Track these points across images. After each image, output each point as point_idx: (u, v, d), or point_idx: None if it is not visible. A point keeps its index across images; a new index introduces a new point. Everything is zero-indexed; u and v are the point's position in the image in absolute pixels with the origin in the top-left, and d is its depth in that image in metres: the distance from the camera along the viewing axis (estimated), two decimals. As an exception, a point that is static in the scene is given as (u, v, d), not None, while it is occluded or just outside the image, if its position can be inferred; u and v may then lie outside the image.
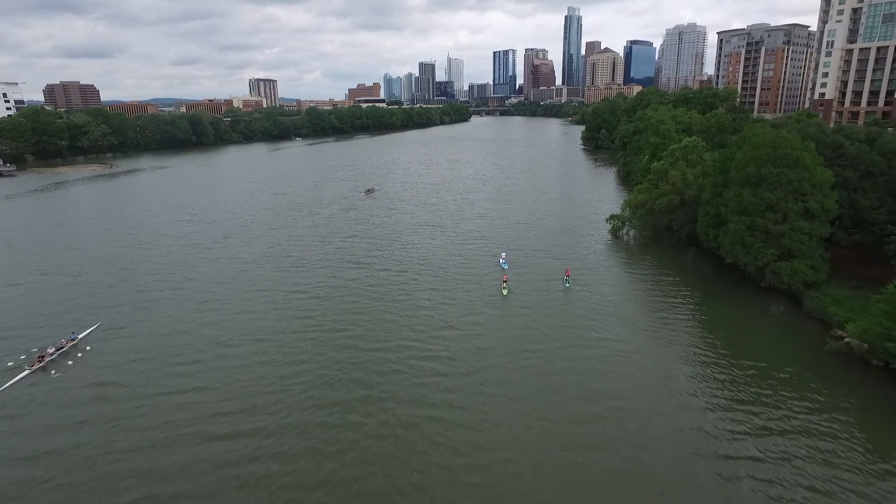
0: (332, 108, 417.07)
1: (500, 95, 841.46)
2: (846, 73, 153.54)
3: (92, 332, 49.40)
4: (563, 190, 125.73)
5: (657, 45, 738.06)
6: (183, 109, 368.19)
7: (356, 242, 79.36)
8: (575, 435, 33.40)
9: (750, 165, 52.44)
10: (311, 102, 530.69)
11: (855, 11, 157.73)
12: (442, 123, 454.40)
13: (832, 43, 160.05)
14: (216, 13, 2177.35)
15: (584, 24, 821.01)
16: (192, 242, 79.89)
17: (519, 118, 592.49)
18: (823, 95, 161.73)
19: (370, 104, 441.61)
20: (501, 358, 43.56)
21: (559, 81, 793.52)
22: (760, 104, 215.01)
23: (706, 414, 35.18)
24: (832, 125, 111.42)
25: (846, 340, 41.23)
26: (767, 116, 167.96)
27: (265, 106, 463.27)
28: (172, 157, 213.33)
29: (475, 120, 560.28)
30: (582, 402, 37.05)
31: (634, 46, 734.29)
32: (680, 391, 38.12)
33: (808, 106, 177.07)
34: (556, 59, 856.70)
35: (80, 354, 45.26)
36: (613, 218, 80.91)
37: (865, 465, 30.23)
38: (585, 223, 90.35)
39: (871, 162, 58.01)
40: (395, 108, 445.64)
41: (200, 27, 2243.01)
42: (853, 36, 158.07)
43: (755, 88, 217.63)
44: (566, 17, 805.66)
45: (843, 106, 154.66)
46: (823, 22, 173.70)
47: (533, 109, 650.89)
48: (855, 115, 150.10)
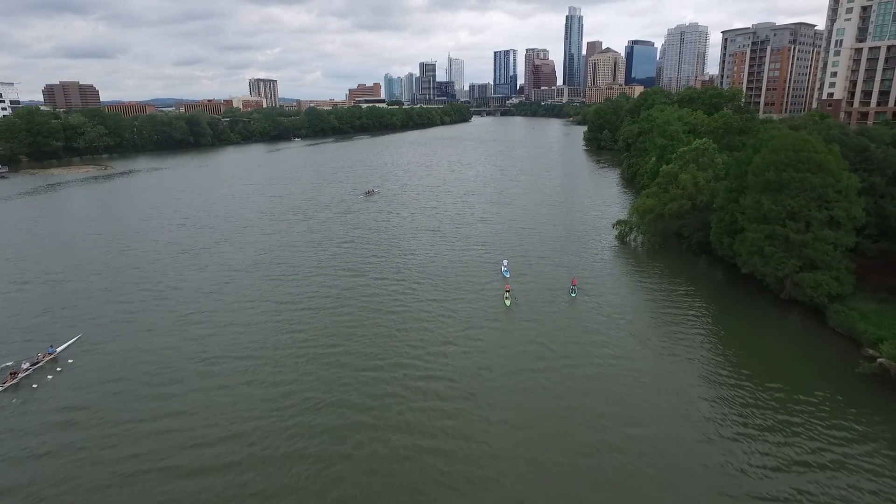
0: (331, 108, 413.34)
1: (500, 95, 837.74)
2: (855, 72, 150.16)
3: (71, 345, 46.36)
4: (566, 192, 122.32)
5: (658, 45, 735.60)
6: (182, 110, 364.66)
7: (352, 248, 76.13)
8: (589, 471, 30.14)
9: (769, 170, 49.08)
10: (311, 103, 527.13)
11: (864, 9, 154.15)
12: (442, 124, 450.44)
13: (841, 42, 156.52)
14: (217, 13, 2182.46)
15: (585, 24, 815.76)
16: (181, 249, 76.64)
17: (520, 118, 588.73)
18: (832, 95, 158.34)
19: (370, 104, 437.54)
20: (505, 378, 40.33)
21: (560, 81, 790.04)
22: (766, 104, 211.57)
23: (732, 446, 31.86)
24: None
25: (880, 361, 37.97)
26: (774, 117, 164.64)
27: (265, 106, 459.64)
28: (169, 158, 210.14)
29: (476, 120, 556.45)
30: (594, 430, 33.78)
31: (636, 46, 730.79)
32: (701, 418, 34.82)
33: (815, 106, 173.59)
34: (557, 59, 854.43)
35: (58, 370, 42.28)
36: (620, 223, 77.62)
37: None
38: (590, 228, 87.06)
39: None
40: (395, 108, 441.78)
41: (201, 27, 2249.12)
42: (862, 35, 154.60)
43: (760, 88, 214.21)
44: (567, 17, 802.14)
45: (852, 106, 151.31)
46: (832, 20, 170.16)
47: (534, 110, 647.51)
48: (864, 115, 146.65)
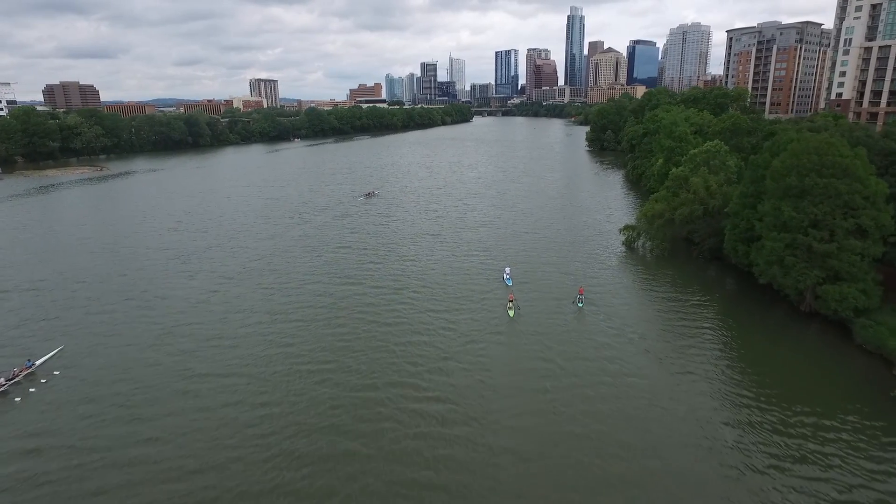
0: (332, 108, 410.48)
1: (502, 96, 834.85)
2: (864, 71, 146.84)
3: (49, 359, 43.77)
4: (569, 195, 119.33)
5: (660, 44, 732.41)
6: (182, 110, 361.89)
7: (349, 255, 73.21)
8: (602, 511, 27.26)
9: (790, 175, 46.08)
10: (312, 103, 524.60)
11: (874, 8, 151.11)
12: (443, 124, 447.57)
13: (850, 41, 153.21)
14: (218, 14, 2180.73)
15: (586, 24, 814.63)
16: (172, 255, 73.72)
17: (521, 118, 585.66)
18: (840, 95, 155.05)
19: (371, 104, 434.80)
20: (509, 399, 37.43)
21: (562, 81, 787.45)
22: (772, 104, 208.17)
23: (762, 481, 28.91)
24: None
25: (916, 383, 35.04)
26: (781, 117, 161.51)
27: (265, 106, 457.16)
28: (167, 158, 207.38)
29: (477, 120, 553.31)
30: (609, 462, 30.84)
31: (637, 46, 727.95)
32: (723, 448, 31.85)
33: (823, 106, 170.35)
34: (558, 59, 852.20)
35: (31, 390, 39.54)
36: (628, 228, 74.61)
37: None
38: (596, 232, 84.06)
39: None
40: (395, 108, 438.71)
41: (202, 28, 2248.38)
42: (872, 33, 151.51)
43: (766, 88, 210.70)
44: (569, 17, 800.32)
45: (861, 106, 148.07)
46: (840, 19, 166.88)
47: (535, 110, 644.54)
48: (874, 115, 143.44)
